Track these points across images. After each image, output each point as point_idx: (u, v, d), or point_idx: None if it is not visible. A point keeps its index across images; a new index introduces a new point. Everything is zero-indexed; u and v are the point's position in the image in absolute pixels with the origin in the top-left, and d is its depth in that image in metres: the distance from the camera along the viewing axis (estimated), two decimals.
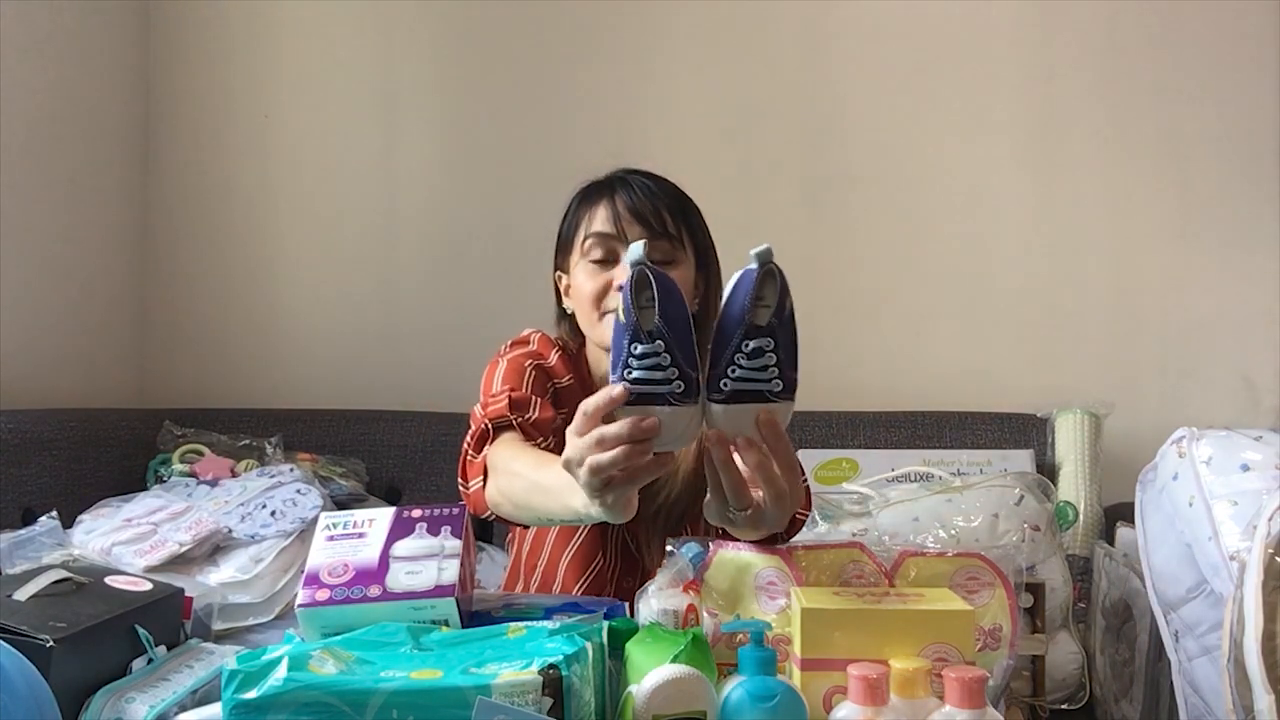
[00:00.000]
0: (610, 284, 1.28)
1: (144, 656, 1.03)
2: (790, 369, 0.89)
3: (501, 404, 1.24)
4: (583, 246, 1.31)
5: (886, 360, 2.22)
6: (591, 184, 1.37)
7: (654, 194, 1.32)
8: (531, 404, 1.25)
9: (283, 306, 2.38)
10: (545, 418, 1.24)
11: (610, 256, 1.29)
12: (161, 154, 2.38)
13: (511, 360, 1.32)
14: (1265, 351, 2.10)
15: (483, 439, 1.24)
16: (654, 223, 1.29)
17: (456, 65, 2.33)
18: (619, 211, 1.29)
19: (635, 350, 0.86)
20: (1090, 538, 1.87)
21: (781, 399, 0.89)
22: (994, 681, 0.94)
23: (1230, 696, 1.05)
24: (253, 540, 1.56)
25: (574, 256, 1.34)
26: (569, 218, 1.37)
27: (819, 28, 2.25)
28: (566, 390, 1.32)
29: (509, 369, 1.31)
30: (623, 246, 1.28)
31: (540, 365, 1.32)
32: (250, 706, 0.79)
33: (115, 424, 1.99)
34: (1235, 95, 2.12)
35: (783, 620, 0.98)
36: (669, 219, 1.30)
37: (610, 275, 1.28)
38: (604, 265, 1.29)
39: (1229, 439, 1.26)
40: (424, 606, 1.00)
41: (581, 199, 1.36)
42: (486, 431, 1.24)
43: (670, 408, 0.86)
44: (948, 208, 2.22)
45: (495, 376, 1.31)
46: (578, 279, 1.32)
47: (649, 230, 1.28)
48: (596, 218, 1.31)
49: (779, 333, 0.88)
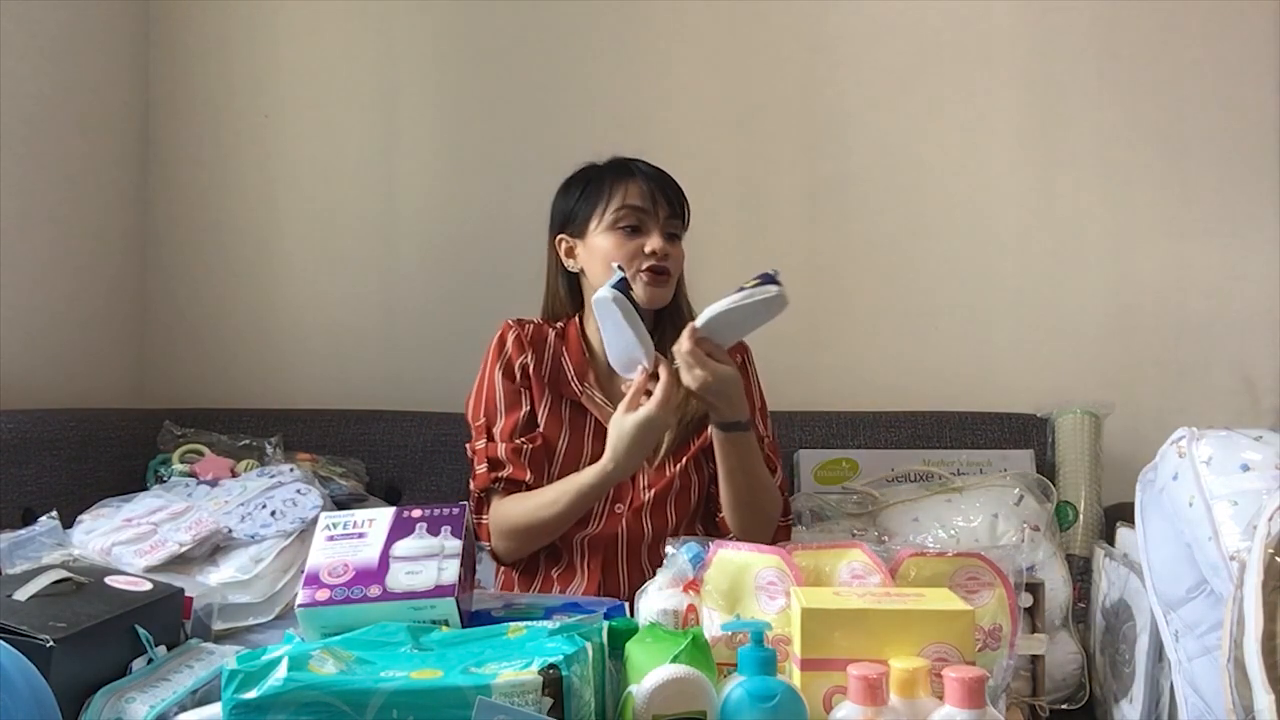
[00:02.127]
0: (641, 247, 1.46)
1: (144, 656, 1.03)
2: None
3: (483, 469, 1.48)
4: (614, 215, 1.48)
5: (886, 360, 2.22)
6: (609, 162, 1.55)
7: (668, 179, 1.53)
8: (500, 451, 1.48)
9: (283, 306, 2.38)
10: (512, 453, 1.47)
11: (640, 226, 1.48)
12: (161, 154, 2.38)
13: (487, 377, 1.54)
14: (1265, 351, 2.10)
15: (481, 504, 1.49)
16: (675, 202, 1.51)
17: (456, 65, 2.33)
18: (651, 189, 1.48)
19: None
20: (1090, 538, 1.87)
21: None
22: (994, 681, 0.94)
23: (1230, 696, 1.05)
24: (253, 540, 1.55)
25: (594, 224, 1.49)
26: (588, 188, 1.52)
27: (819, 28, 2.25)
28: (529, 369, 1.52)
29: (485, 391, 1.53)
30: (652, 219, 1.48)
31: (506, 365, 1.52)
32: (250, 706, 0.79)
33: (115, 424, 1.98)
34: (1235, 94, 2.12)
35: (783, 620, 0.98)
36: (680, 202, 1.53)
37: (639, 241, 1.47)
38: (635, 233, 1.47)
39: (1229, 439, 1.26)
40: (424, 606, 1.01)
41: (605, 173, 1.52)
42: (483, 498, 1.49)
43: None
44: (948, 207, 2.22)
45: (479, 403, 1.54)
46: (602, 243, 1.48)
47: (670, 209, 1.50)
48: (631, 191, 1.49)
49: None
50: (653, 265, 1.45)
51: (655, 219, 1.48)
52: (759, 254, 2.02)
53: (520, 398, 1.51)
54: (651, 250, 1.45)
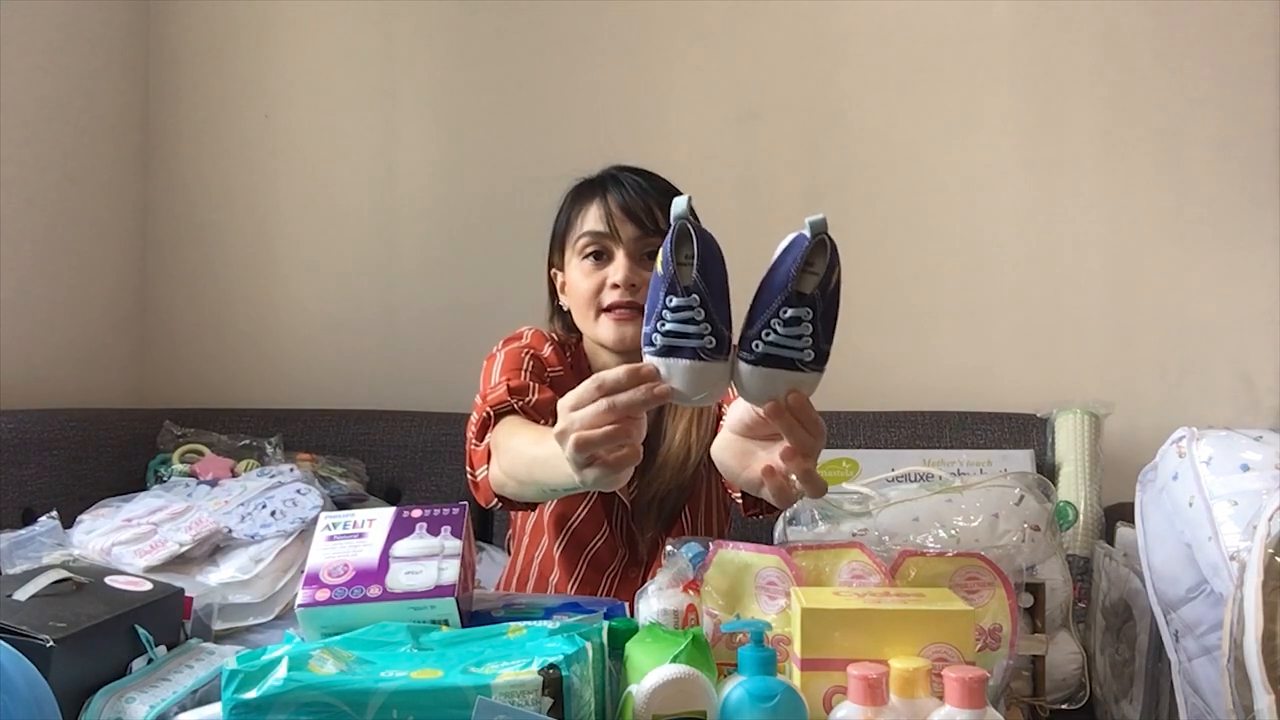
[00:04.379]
0: (605, 282, 1.30)
1: (144, 656, 1.03)
2: (825, 341, 0.89)
3: (501, 391, 1.28)
4: (576, 245, 1.34)
5: (886, 360, 2.22)
6: (584, 182, 1.39)
7: (645, 191, 1.33)
8: (530, 389, 1.28)
9: (283, 306, 2.38)
10: (544, 399, 1.26)
11: (604, 254, 1.32)
12: (161, 154, 2.38)
13: (508, 353, 1.36)
14: (1265, 351, 2.10)
15: (484, 427, 1.27)
16: (646, 220, 1.31)
17: (456, 65, 2.33)
18: (611, 210, 1.31)
19: (670, 303, 0.86)
20: (1090, 538, 1.87)
21: (811, 369, 0.89)
22: (994, 681, 0.94)
23: (1230, 696, 1.05)
24: (253, 540, 1.55)
25: (568, 254, 1.36)
26: (562, 215, 1.39)
27: (819, 29, 2.25)
28: (559, 380, 1.35)
29: (506, 361, 1.34)
30: (615, 244, 1.30)
31: (536, 355, 1.35)
32: (250, 706, 0.79)
33: (115, 424, 1.99)
34: (1235, 96, 2.12)
35: (783, 620, 0.98)
36: (660, 216, 1.30)
37: (605, 273, 1.31)
38: (598, 262, 1.32)
39: (1229, 439, 1.26)
40: (424, 606, 1.01)
41: (574, 197, 1.38)
42: (488, 419, 1.27)
43: (700, 362, 0.86)
44: (948, 207, 2.22)
45: (494, 369, 1.34)
46: (573, 277, 1.35)
47: (641, 228, 1.30)
48: (589, 216, 1.33)
49: (819, 304, 0.88)
50: (614, 302, 1.29)
51: (618, 242, 1.30)
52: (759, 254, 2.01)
53: (546, 381, 1.34)
54: (614, 283, 1.29)
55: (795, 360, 0.88)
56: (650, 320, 0.88)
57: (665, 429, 1.37)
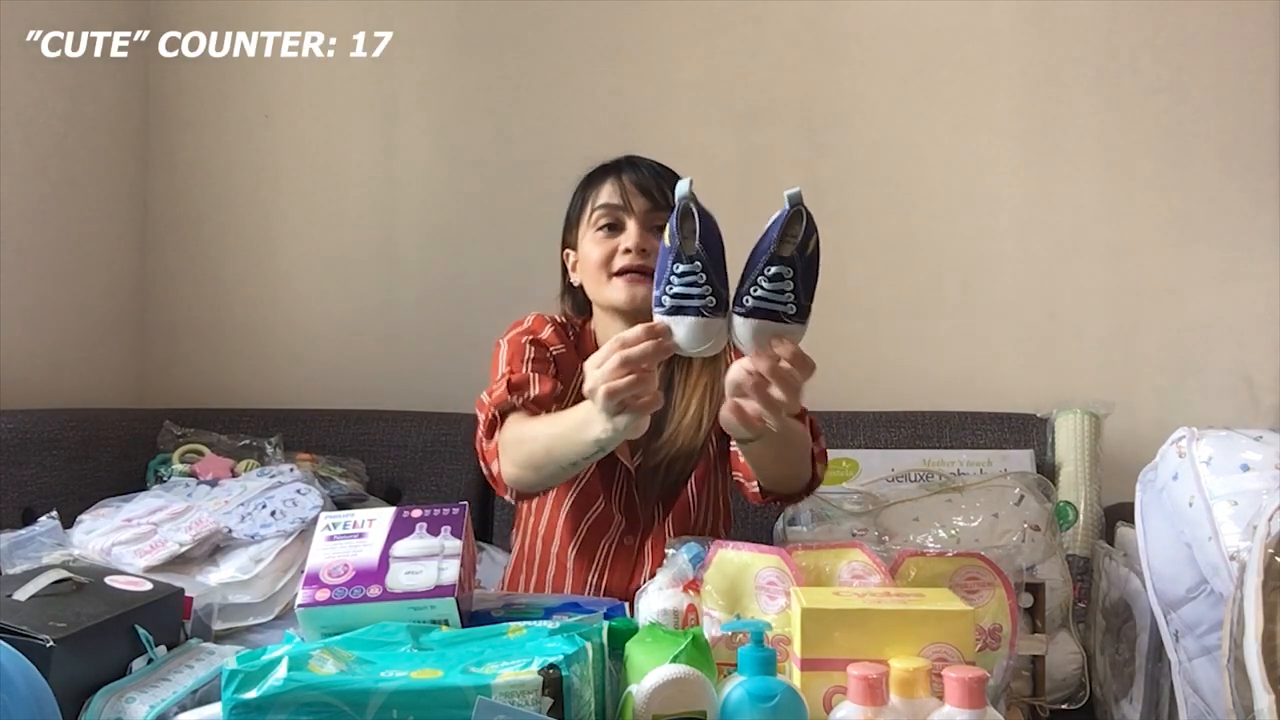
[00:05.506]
0: (616, 248, 1.40)
1: (144, 656, 1.03)
2: (806, 298, 1.03)
3: (501, 390, 1.36)
4: (591, 218, 1.43)
5: (886, 360, 2.22)
6: (597, 167, 1.49)
7: (657, 173, 1.45)
8: (530, 382, 1.37)
9: (283, 306, 2.38)
10: (545, 392, 1.36)
11: (616, 224, 1.42)
12: (161, 154, 2.38)
13: (510, 341, 1.45)
14: (1265, 351, 2.10)
15: (492, 427, 1.36)
16: (657, 195, 1.41)
17: (456, 65, 2.33)
18: (625, 185, 1.42)
19: (677, 269, 1.02)
20: (1090, 538, 1.87)
21: (794, 321, 1.03)
22: (994, 681, 0.94)
23: (1230, 696, 1.05)
24: (253, 540, 1.55)
25: (582, 229, 1.45)
26: (576, 198, 1.49)
27: (819, 28, 2.25)
28: (562, 357, 1.44)
29: (509, 351, 1.43)
30: (629, 215, 1.41)
31: (535, 339, 1.44)
32: (250, 706, 0.79)
33: (115, 424, 1.98)
34: (1235, 95, 2.12)
35: (783, 620, 0.98)
36: (669, 193, 1.40)
37: (616, 241, 1.41)
38: (611, 232, 1.42)
39: (1229, 439, 1.26)
40: (424, 606, 1.01)
41: (588, 181, 1.49)
42: (494, 419, 1.35)
43: (703, 319, 1.02)
44: (948, 207, 2.22)
45: (499, 360, 1.43)
46: (585, 248, 1.44)
47: (652, 201, 1.41)
48: (604, 192, 1.43)
49: (799, 264, 1.02)
50: (625, 265, 1.38)
51: (631, 213, 1.40)
52: None
53: (550, 370, 1.42)
54: (626, 248, 1.39)
55: (780, 313, 1.02)
56: (660, 285, 1.03)
57: (675, 400, 1.44)
